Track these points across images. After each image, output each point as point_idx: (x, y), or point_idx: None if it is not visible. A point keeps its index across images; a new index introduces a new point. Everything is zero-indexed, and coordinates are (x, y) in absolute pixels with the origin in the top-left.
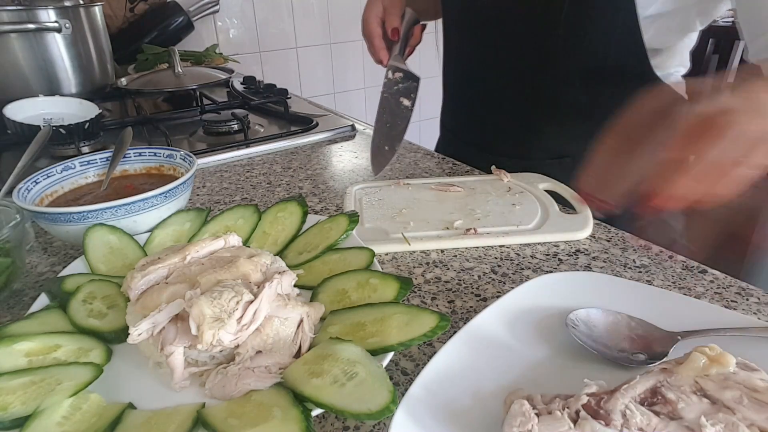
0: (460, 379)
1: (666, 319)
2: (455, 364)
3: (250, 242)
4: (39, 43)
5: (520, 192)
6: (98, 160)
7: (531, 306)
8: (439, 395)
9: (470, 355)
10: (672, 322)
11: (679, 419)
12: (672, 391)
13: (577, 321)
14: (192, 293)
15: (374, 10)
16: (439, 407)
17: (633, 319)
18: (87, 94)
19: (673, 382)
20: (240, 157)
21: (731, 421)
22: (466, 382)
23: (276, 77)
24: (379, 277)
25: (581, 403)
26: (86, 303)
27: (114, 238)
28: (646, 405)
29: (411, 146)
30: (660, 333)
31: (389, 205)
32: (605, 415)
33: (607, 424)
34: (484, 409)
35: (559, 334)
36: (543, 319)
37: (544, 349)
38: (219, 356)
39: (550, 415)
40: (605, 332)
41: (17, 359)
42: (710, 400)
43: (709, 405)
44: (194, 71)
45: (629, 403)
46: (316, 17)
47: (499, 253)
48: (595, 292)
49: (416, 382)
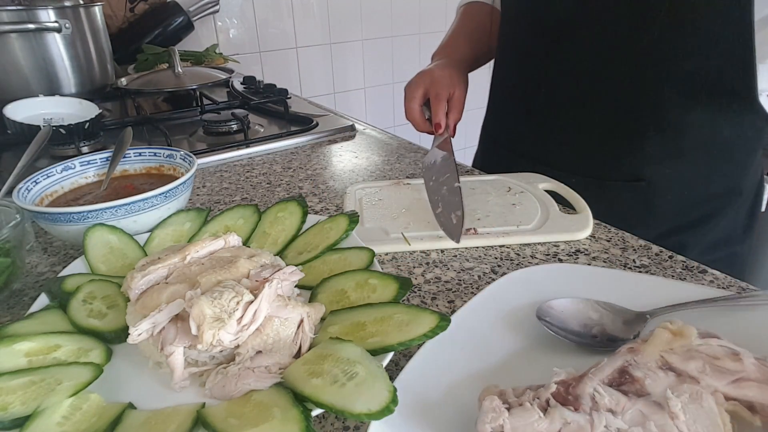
0: (437, 377)
1: (636, 300)
2: (432, 363)
3: (250, 242)
4: (39, 43)
5: (520, 192)
6: (98, 160)
7: (504, 301)
8: (415, 393)
9: (446, 353)
10: (642, 302)
11: (647, 395)
12: (639, 369)
13: (547, 311)
14: (192, 293)
15: (416, 99)
16: (415, 405)
17: (602, 304)
18: (87, 94)
19: (639, 360)
20: (240, 157)
21: (695, 391)
22: (442, 379)
23: (276, 77)
24: (378, 278)
25: (550, 392)
26: (86, 303)
27: (114, 238)
28: (615, 386)
29: (411, 146)
30: (630, 314)
31: (389, 205)
32: (574, 401)
33: (576, 409)
34: (459, 404)
35: (531, 326)
36: (515, 312)
37: (517, 341)
38: (219, 356)
39: (521, 407)
40: (575, 320)
41: (17, 359)
42: (676, 372)
43: (675, 378)
44: (194, 71)
45: (597, 386)
46: (316, 17)
47: (499, 253)
48: (566, 282)
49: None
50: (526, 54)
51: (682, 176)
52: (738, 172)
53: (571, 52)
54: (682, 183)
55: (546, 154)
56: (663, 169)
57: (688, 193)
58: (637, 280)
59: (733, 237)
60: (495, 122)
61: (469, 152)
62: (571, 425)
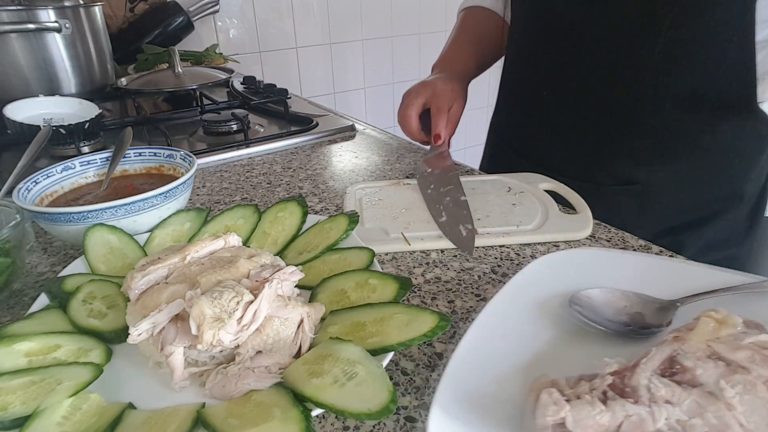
0: (482, 367)
1: (664, 287)
2: (474, 353)
3: (250, 242)
4: (39, 43)
5: (520, 192)
6: (98, 160)
7: (535, 287)
8: (465, 384)
9: (487, 342)
10: (671, 289)
11: (700, 386)
12: (688, 359)
13: (579, 300)
14: (192, 293)
15: (415, 107)
16: (466, 397)
17: (631, 294)
18: (87, 94)
19: (687, 349)
20: (240, 157)
21: (748, 381)
22: (486, 369)
23: (276, 77)
24: (378, 278)
25: (607, 384)
26: (86, 303)
27: (114, 238)
28: (667, 376)
29: (411, 146)
30: (660, 303)
31: (389, 205)
32: (631, 392)
33: (636, 402)
34: (505, 393)
35: (564, 314)
36: (547, 300)
37: (552, 329)
38: (219, 356)
39: (580, 400)
40: (607, 308)
41: (17, 359)
42: (725, 362)
43: (725, 367)
44: (194, 71)
45: (651, 376)
46: (316, 17)
47: (499, 253)
48: (593, 267)
49: (444, 376)
50: (531, 56)
51: (679, 180)
52: (738, 177)
53: (574, 58)
54: (679, 186)
55: (544, 156)
56: (658, 173)
57: (685, 196)
58: (662, 265)
59: (732, 239)
60: (500, 121)
61: (470, 152)
62: (632, 418)
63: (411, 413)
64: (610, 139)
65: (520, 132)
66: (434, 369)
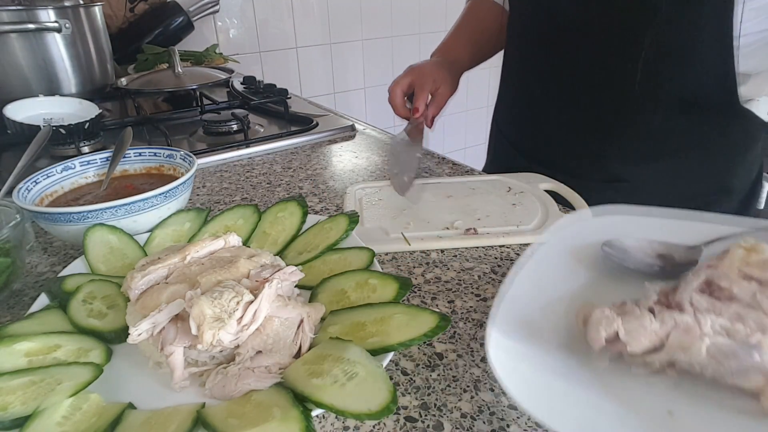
0: (528, 299)
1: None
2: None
3: (250, 242)
4: (39, 43)
5: (520, 192)
6: (98, 160)
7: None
8: (515, 313)
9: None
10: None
11: (737, 302)
12: (724, 280)
13: (611, 245)
14: (192, 293)
15: (401, 85)
16: (517, 323)
17: (658, 241)
18: (87, 94)
19: (721, 273)
20: (240, 157)
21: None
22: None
23: (276, 77)
24: (378, 278)
25: (653, 300)
26: (86, 303)
27: (114, 238)
28: (706, 295)
29: None
30: (685, 247)
31: (389, 205)
32: (677, 306)
33: (682, 311)
34: (551, 320)
35: (597, 261)
36: (578, 251)
37: (587, 273)
38: (219, 356)
39: (630, 314)
40: (639, 252)
41: (17, 359)
42: (758, 281)
43: (758, 285)
44: (194, 71)
45: (693, 293)
46: (316, 17)
47: (499, 253)
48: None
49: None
50: (526, 52)
51: (667, 177)
52: (725, 172)
53: (566, 57)
54: (667, 183)
55: (535, 150)
56: (646, 171)
57: (673, 192)
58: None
59: None
60: (499, 113)
61: (470, 152)
62: (680, 326)
63: (411, 413)
64: (599, 138)
65: (516, 123)
66: (434, 369)
